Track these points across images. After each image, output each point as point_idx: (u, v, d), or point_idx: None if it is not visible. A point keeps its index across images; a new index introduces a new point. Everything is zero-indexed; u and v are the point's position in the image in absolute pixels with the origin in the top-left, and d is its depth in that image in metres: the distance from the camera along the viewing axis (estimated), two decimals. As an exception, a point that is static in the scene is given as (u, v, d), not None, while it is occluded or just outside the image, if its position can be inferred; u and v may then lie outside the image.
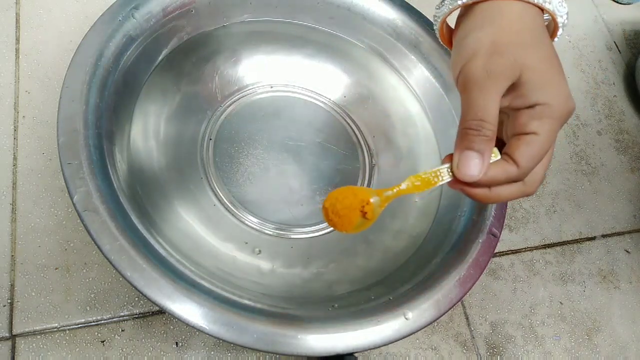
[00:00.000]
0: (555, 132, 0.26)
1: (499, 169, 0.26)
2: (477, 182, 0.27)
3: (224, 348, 0.39)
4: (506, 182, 0.27)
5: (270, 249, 0.38)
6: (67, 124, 0.29)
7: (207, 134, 0.40)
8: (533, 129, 0.25)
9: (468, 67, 0.26)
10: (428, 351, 0.43)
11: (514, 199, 0.28)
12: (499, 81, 0.25)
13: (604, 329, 0.49)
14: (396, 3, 0.43)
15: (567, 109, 0.26)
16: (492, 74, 0.25)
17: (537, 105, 0.25)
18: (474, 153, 0.26)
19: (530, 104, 0.25)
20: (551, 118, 0.25)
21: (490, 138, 0.26)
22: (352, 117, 0.45)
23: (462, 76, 0.27)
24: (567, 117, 0.26)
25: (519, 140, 0.26)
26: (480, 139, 0.26)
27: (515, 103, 0.26)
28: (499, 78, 0.25)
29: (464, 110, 0.26)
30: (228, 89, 0.43)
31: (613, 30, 0.67)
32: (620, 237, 0.55)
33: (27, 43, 0.45)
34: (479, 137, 0.26)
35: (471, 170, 0.26)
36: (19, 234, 0.39)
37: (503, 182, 0.27)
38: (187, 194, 0.37)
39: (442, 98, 0.43)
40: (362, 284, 0.36)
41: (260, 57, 0.44)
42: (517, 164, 0.26)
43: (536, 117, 0.25)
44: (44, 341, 0.36)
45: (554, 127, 0.25)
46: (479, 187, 0.27)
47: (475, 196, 0.27)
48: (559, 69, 0.26)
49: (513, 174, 0.26)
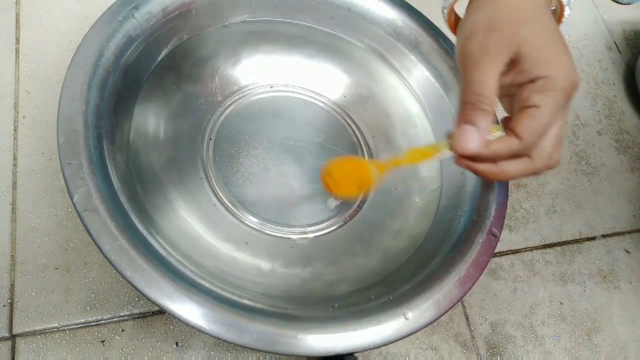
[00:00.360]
0: (559, 105, 0.26)
1: (502, 142, 0.27)
2: (479, 156, 0.27)
3: (224, 348, 0.39)
4: (509, 156, 0.27)
5: (270, 249, 0.38)
6: (67, 124, 0.29)
7: (207, 134, 0.40)
8: (535, 102, 0.26)
9: (466, 45, 0.27)
10: (428, 351, 0.43)
11: (522, 175, 0.28)
12: (495, 56, 0.26)
13: (604, 329, 0.49)
14: (396, 3, 0.43)
15: (570, 82, 0.26)
16: (488, 50, 0.26)
17: (538, 78, 0.25)
18: (472, 126, 0.27)
19: (532, 78, 0.26)
20: (553, 91, 0.25)
21: (487, 112, 0.26)
22: (352, 117, 0.45)
23: (461, 55, 0.27)
24: (572, 91, 0.26)
25: (522, 113, 0.26)
26: (477, 112, 0.26)
27: (518, 79, 0.26)
28: (496, 53, 0.26)
29: (463, 87, 0.27)
30: (228, 89, 0.43)
31: (613, 30, 0.67)
32: (620, 237, 0.55)
33: (27, 43, 0.45)
34: (476, 111, 0.26)
35: (469, 142, 0.27)
36: (19, 234, 0.39)
37: (506, 155, 0.27)
38: (187, 194, 0.37)
39: (442, 98, 0.43)
40: (362, 284, 0.36)
41: (260, 57, 0.44)
42: (520, 137, 0.26)
43: (538, 91, 0.26)
44: (44, 341, 0.36)
45: (557, 100, 0.25)
46: (483, 162, 0.28)
47: (482, 172, 0.28)
48: (561, 44, 0.26)
49: (515, 146, 0.26)
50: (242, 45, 0.43)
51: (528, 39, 0.26)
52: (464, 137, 0.27)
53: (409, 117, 0.45)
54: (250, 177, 0.40)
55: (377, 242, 0.40)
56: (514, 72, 0.27)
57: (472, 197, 0.38)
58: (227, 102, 0.42)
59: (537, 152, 0.27)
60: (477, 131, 0.26)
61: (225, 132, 0.41)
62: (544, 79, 0.25)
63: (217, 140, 0.41)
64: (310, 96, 0.45)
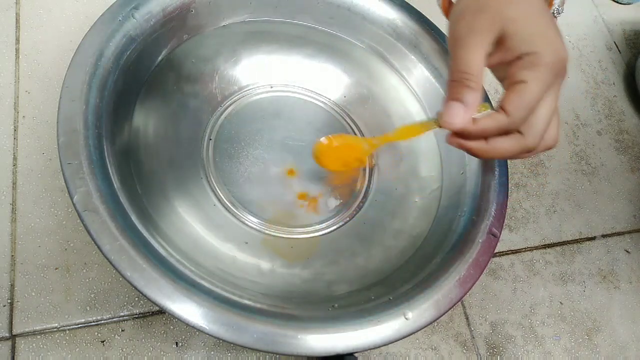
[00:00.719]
0: (547, 80, 0.26)
1: (489, 118, 0.27)
2: (469, 133, 0.28)
3: (224, 348, 0.39)
4: (499, 133, 0.28)
5: (270, 249, 0.38)
6: (67, 124, 0.29)
7: (207, 134, 0.40)
8: (521, 77, 0.26)
9: (454, 28, 0.28)
10: (428, 351, 0.43)
11: (516, 153, 0.28)
12: (480, 35, 0.27)
13: (604, 329, 0.49)
14: (396, 3, 0.43)
15: (557, 58, 0.26)
16: (474, 29, 0.27)
17: (525, 55, 0.26)
18: (457, 103, 0.27)
19: (518, 55, 0.26)
20: (540, 66, 0.26)
21: (473, 89, 0.27)
22: (352, 117, 0.45)
23: (450, 38, 0.28)
24: (559, 67, 0.26)
25: (509, 90, 0.27)
26: (463, 89, 0.27)
27: (506, 57, 0.27)
28: (481, 32, 0.27)
29: (451, 67, 0.28)
30: (228, 89, 0.43)
31: (613, 30, 0.68)
32: (620, 237, 0.55)
33: (27, 43, 0.45)
34: (462, 88, 0.27)
35: (454, 117, 0.28)
36: (19, 234, 0.39)
37: (495, 132, 0.28)
38: (187, 194, 0.37)
39: (442, 98, 0.43)
40: (362, 284, 0.36)
41: (260, 57, 0.44)
42: (507, 113, 0.27)
43: (525, 67, 0.26)
44: (44, 341, 0.36)
45: (544, 75, 0.26)
46: (474, 139, 0.28)
47: (473, 150, 0.29)
48: (548, 21, 0.27)
49: (503, 122, 0.27)
50: (242, 45, 0.43)
51: (513, 17, 0.26)
52: (450, 112, 0.28)
53: (409, 117, 0.45)
54: (250, 177, 0.40)
55: (377, 242, 0.40)
56: (501, 52, 0.27)
57: (472, 197, 0.38)
58: (227, 102, 0.42)
59: (527, 128, 0.27)
60: (463, 107, 0.27)
61: (225, 132, 0.41)
62: (530, 55, 0.26)
63: (217, 140, 0.41)
64: (310, 96, 0.45)
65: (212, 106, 0.42)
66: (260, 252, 0.37)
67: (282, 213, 0.40)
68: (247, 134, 0.42)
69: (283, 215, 0.40)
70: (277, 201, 0.40)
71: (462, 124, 0.28)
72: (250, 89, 0.43)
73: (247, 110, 0.43)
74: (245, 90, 0.43)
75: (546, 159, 0.56)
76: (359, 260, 0.39)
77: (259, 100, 0.43)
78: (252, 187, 0.40)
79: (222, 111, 0.42)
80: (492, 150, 0.28)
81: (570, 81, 0.62)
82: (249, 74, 0.44)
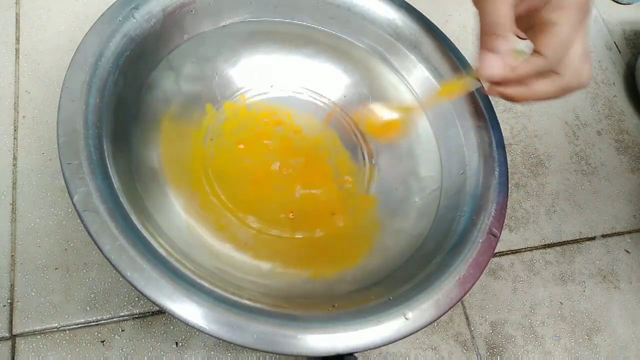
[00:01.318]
0: (576, 19, 0.27)
1: (527, 63, 0.28)
2: (508, 80, 0.29)
3: (224, 348, 0.39)
4: (536, 75, 0.29)
5: (270, 249, 0.38)
6: (67, 124, 0.29)
7: (207, 134, 0.40)
8: (552, 19, 0.27)
9: None
10: (428, 351, 0.43)
11: (554, 93, 0.30)
12: None
13: (604, 329, 0.49)
14: (396, 3, 0.43)
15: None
16: None
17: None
18: (491, 53, 0.29)
19: (546, 0, 0.27)
20: (568, 8, 0.27)
21: (504, 37, 0.28)
22: (352, 117, 0.45)
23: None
24: (586, 9, 0.28)
25: (542, 32, 0.28)
26: (494, 38, 0.28)
27: (533, 4, 0.28)
28: None
29: (480, 22, 0.29)
30: (228, 89, 0.43)
31: (613, 30, 0.68)
32: (620, 237, 0.55)
33: (27, 43, 0.45)
34: (493, 37, 0.28)
35: (491, 68, 0.29)
36: (19, 234, 0.39)
37: (533, 75, 0.29)
38: (187, 194, 0.37)
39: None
40: (362, 284, 0.36)
41: (260, 57, 0.44)
42: (543, 55, 0.28)
43: (553, 10, 0.27)
44: (44, 341, 0.36)
45: (573, 14, 0.27)
46: (513, 86, 0.30)
47: (514, 96, 0.30)
48: None
49: (541, 64, 0.28)
50: (242, 45, 0.43)
51: None
52: (487, 64, 0.29)
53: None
54: (250, 177, 0.40)
55: (377, 242, 0.40)
56: (528, 0, 0.28)
57: (472, 197, 0.38)
58: (227, 102, 0.42)
59: (564, 67, 0.28)
60: (498, 56, 0.28)
61: (225, 132, 0.41)
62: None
63: (217, 140, 0.41)
64: (310, 96, 0.45)
65: (212, 106, 0.42)
66: (260, 252, 0.37)
67: (282, 213, 0.40)
68: (247, 134, 0.42)
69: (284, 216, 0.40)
70: (277, 201, 0.40)
71: (502, 73, 0.28)
72: (250, 88, 0.43)
73: (247, 110, 0.43)
74: (245, 90, 0.43)
75: (546, 159, 0.56)
76: (359, 260, 0.39)
77: (259, 100, 0.44)
78: (252, 187, 0.40)
79: (222, 111, 0.42)
80: (533, 93, 0.29)
81: (570, 81, 0.62)
82: (249, 74, 0.44)
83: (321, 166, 0.43)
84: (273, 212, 0.40)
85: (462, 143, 0.41)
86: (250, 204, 0.39)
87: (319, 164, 0.43)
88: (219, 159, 0.40)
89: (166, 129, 0.39)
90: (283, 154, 0.42)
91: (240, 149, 0.41)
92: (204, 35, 0.40)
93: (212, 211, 0.38)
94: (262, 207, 0.39)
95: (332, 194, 0.42)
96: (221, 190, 0.39)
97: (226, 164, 0.40)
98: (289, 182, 0.41)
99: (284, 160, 0.42)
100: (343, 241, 0.40)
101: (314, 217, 0.40)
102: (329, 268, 0.37)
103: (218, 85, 0.42)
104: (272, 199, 0.40)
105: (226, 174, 0.40)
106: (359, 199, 0.42)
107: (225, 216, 0.38)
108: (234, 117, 0.42)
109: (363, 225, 0.41)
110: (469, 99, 0.41)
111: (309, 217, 0.40)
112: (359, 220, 0.41)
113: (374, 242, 0.40)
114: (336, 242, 0.40)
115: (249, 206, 0.39)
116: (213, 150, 0.40)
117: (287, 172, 0.41)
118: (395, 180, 0.43)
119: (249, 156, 0.41)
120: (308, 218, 0.40)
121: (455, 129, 0.41)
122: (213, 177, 0.39)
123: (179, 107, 0.40)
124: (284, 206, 0.40)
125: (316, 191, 0.41)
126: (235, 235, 0.37)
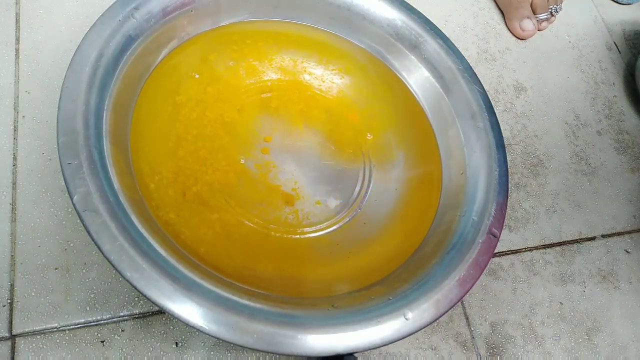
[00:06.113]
0: None
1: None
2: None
3: (224, 348, 0.39)
4: None
5: (271, 248, 0.38)
6: (67, 124, 0.29)
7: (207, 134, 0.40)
8: None
9: None
10: (428, 351, 0.43)
11: None
12: None
13: (604, 329, 0.49)
14: (396, 3, 0.43)
15: None
16: None
17: None
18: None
19: None
20: None
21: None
22: (352, 117, 0.45)
23: None
24: None
25: None
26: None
27: None
28: None
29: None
30: (228, 89, 0.43)
31: (613, 30, 0.67)
32: (620, 237, 0.55)
33: (27, 43, 0.45)
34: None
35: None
36: (19, 234, 0.39)
37: None
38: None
39: (442, 98, 0.43)
40: (362, 284, 0.36)
41: (260, 56, 0.44)
42: None
43: None
44: (44, 341, 0.36)
45: None
46: None
47: None
48: None
49: None
50: (242, 45, 0.43)
51: None
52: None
53: (409, 117, 0.45)
54: (250, 176, 0.40)
55: (377, 242, 0.40)
56: None
57: (472, 197, 0.38)
58: (227, 102, 0.42)
59: None
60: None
61: (225, 132, 0.41)
62: None
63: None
64: (311, 96, 0.45)
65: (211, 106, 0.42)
66: (260, 252, 0.37)
67: (282, 213, 0.40)
68: (246, 134, 0.42)
69: (283, 215, 0.40)
70: (276, 201, 0.40)
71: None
72: (250, 88, 0.43)
73: (247, 110, 0.43)
74: (245, 90, 0.43)
75: (546, 159, 0.56)
76: (358, 260, 0.39)
77: (259, 100, 0.44)
78: (252, 187, 0.40)
79: (222, 111, 0.42)
80: None
81: (570, 81, 0.62)
82: (249, 74, 0.44)
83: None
84: (273, 211, 0.39)
85: (462, 143, 0.41)
86: (250, 203, 0.39)
87: None
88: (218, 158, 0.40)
89: (166, 129, 0.39)
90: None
91: (240, 148, 0.41)
92: (204, 35, 0.40)
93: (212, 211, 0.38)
94: (262, 206, 0.39)
95: None
96: (221, 190, 0.39)
97: (226, 163, 0.40)
98: (289, 181, 0.41)
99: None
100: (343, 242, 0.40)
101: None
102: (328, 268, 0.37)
103: (218, 85, 0.42)
104: (272, 199, 0.40)
105: (226, 173, 0.40)
106: None
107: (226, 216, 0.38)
108: (233, 116, 0.42)
109: (363, 225, 0.41)
110: (469, 99, 0.41)
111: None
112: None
113: (374, 242, 0.40)
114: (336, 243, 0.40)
115: (249, 206, 0.39)
116: (213, 150, 0.40)
117: None
118: (395, 180, 0.43)
119: (249, 156, 0.41)
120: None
121: (455, 129, 0.41)
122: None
123: (179, 106, 0.40)
124: (285, 205, 0.40)
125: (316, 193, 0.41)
126: (236, 235, 0.37)
